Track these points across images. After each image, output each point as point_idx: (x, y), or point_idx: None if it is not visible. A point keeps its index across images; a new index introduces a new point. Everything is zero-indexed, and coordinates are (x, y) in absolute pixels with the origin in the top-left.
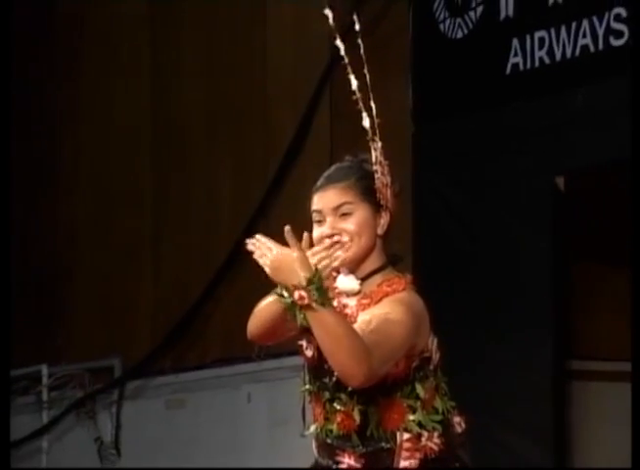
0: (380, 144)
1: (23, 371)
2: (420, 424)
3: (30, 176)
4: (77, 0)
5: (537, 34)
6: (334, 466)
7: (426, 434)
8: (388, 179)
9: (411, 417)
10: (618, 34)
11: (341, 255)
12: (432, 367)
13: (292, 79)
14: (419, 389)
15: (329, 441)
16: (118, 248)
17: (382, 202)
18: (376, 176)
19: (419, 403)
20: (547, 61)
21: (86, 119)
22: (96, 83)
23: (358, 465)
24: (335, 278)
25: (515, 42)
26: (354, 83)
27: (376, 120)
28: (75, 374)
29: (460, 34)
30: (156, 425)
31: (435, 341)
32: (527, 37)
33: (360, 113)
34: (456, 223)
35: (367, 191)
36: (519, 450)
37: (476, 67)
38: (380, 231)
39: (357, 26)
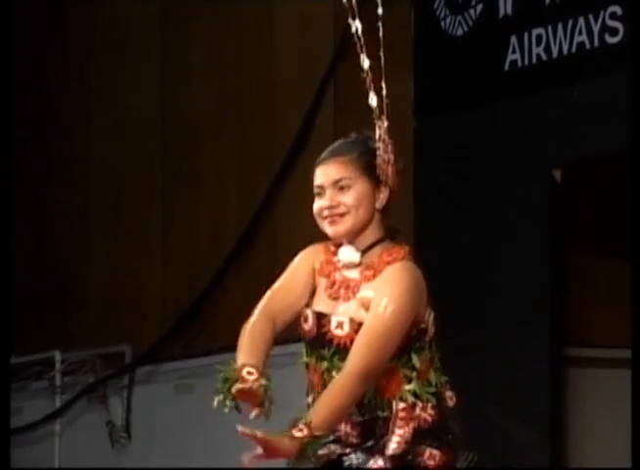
0: (386, 124)
1: (37, 357)
2: (415, 394)
3: (45, 169)
4: None
5: (535, 32)
6: (330, 435)
7: (420, 404)
8: (391, 157)
9: (407, 387)
10: (613, 32)
11: None
12: (427, 339)
13: (297, 75)
14: (415, 359)
15: None
16: (129, 238)
17: (381, 177)
18: (378, 153)
19: (414, 374)
20: (544, 57)
21: (98, 113)
22: (108, 78)
23: (354, 433)
24: (335, 252)
25: (513, 39)
26: (366, 62)
27: (385, 101)
28: (87, 360)
29: (460, 31)
30: (165, 409)
31: (432, 315)
32: (525, 34)
33: (366, 99)
34: (456, 214)
35: (368, 166)
36: (515, 435)
37: (475, 63)
38: (378, 205)
39: (380, 10)
